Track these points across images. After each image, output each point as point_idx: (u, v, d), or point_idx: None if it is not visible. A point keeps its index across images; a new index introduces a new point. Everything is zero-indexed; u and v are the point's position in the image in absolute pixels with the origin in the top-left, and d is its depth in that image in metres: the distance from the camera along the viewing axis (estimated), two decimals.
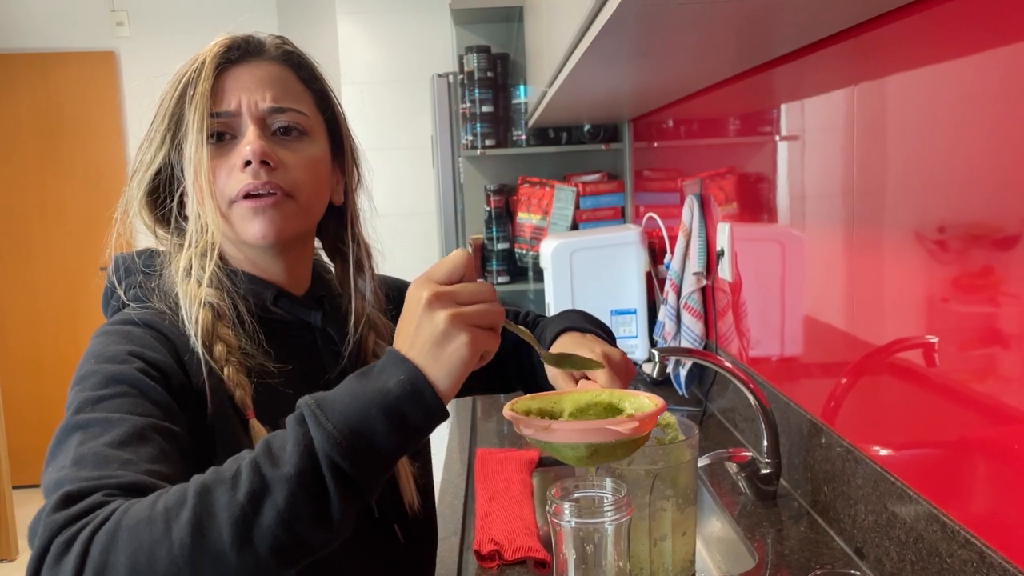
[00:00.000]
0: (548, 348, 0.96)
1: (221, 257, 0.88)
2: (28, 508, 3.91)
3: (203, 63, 0.86)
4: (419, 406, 0.64)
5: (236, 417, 0.83)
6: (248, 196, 0.85)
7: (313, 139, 0.91)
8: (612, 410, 0.76)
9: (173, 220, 0.91)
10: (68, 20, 4.34)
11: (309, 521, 0.61)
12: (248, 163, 0.85)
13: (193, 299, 0.85)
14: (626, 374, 0.88)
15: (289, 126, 0.89)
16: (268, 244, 0.88)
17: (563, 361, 0.83)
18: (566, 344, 0.93)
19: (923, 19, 0.93)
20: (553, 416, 0.75)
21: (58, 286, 4.41)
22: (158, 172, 0.90)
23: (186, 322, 0.84)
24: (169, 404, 0.76)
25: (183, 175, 0.88)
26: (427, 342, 0.65)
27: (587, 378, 0.86)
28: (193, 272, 0.87)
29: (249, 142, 0.85)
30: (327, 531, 0.63)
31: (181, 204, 0.91)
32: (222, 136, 0.87)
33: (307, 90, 0.93)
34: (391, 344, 0.70)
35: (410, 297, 0.68)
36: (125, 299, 0.88)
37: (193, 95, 0.85)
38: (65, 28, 4.33)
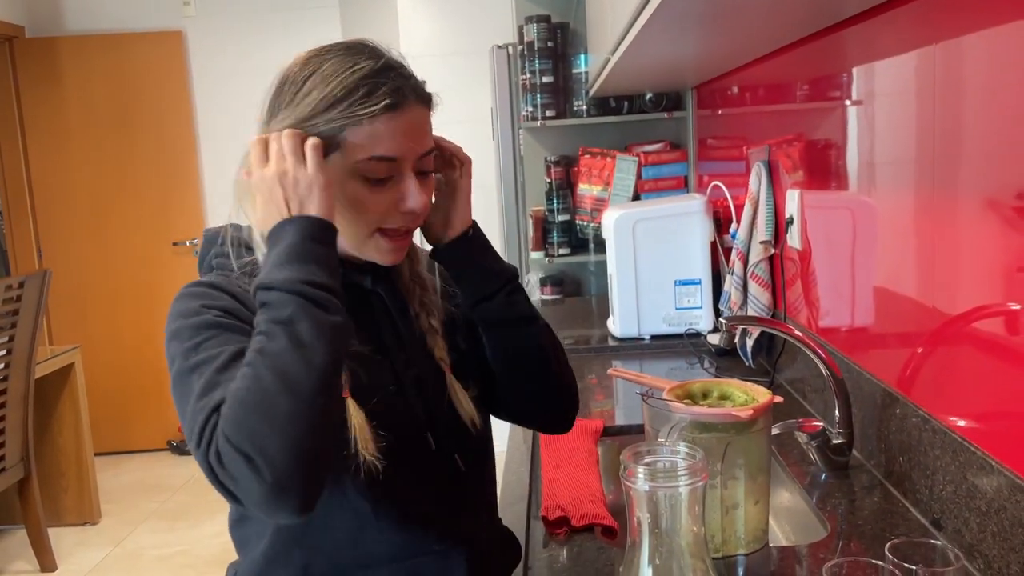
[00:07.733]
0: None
1: None
2: (106, 474, 4.09)
3: (376, 106, 0.90)
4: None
5: None
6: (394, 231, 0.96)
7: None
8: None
9: None
10: (138, 0, 4.43)
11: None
12: (410, 211, 0.95)
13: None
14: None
15: (427, 164, 0.97)
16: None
17: None
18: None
19: None
20: None
21: (133, 261, 4.54)
22: None
23: None
24: (246, 331, 0.87)
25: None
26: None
27: None
28: None
29: (415, 194, 0.94)
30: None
31: None
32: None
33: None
34: (439, 305, 0.90)
35: None
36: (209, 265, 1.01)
37: (353, 136, 0.90)
38: (136, 9, 4.43)
